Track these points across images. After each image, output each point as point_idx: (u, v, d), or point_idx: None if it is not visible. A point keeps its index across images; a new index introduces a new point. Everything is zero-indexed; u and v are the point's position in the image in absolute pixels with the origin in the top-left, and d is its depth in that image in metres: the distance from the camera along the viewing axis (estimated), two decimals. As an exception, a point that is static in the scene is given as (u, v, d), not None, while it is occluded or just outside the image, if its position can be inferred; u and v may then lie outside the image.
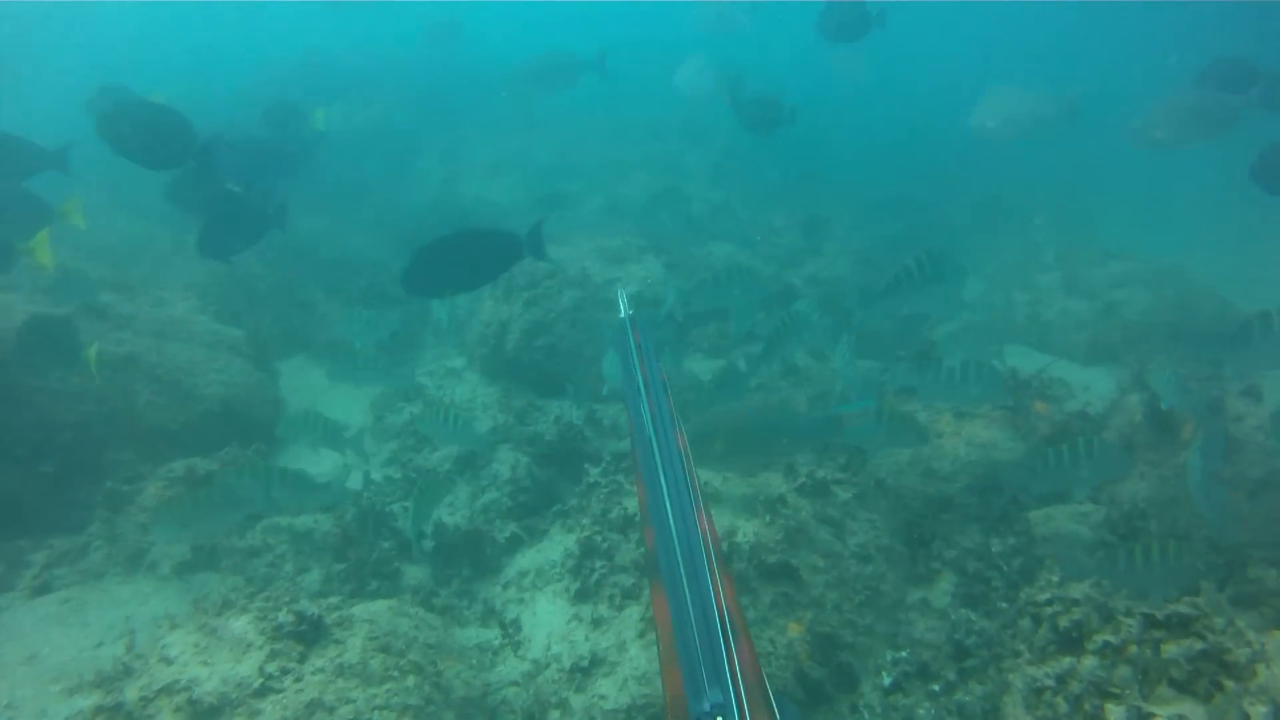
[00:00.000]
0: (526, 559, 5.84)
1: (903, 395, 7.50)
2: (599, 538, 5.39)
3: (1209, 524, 5.57)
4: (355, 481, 6.83)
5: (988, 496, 6.66)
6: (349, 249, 12.66)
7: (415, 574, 5.90)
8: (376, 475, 7.15)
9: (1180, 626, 3.96)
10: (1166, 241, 13.95)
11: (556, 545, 5.80)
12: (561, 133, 15.72)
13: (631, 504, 5.80)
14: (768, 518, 5.32)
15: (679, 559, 1.98)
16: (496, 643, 5.14)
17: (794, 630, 4.84)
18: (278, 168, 10.15)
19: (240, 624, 4.26)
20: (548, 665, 4.79)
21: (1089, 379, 9.87)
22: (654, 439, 2.40)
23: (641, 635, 4.72)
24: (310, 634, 4.19)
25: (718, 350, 9.64)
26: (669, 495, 2.18)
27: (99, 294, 8.18)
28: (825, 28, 9.14)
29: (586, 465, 6.30)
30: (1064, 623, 4.32)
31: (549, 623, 5.17)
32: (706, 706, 1.61)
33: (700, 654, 1.73)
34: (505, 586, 5.67)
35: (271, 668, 4.00)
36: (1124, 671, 3.99)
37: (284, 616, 4.21)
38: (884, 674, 4.97)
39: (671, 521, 2.09)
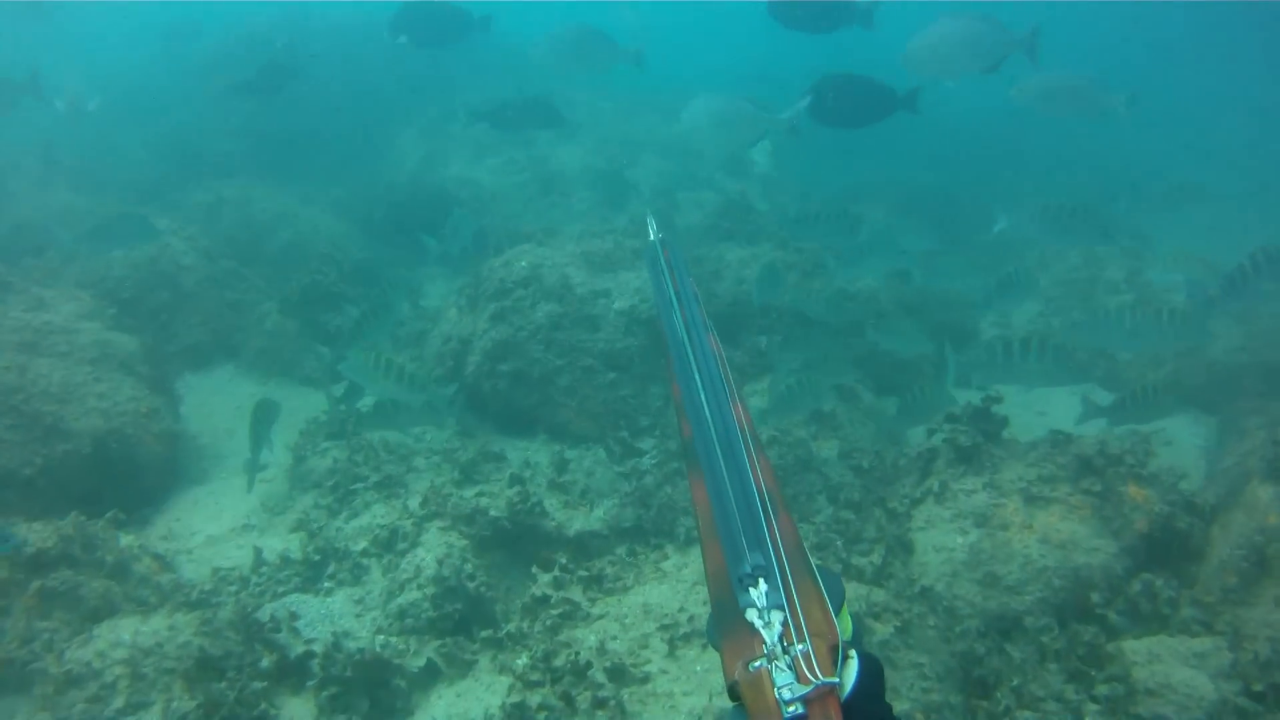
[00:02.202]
0: (441, 706, 4.24)
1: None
2: (535, 698, 3.78)
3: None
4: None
5: (1068, 622, 5.04)
6: (308, 232, 11.02)
7: (297, 715, 4.32)
8: (271, 550, 5.57)
9: None
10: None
11: (481, 693, 4.20)
12: (563, 109, 13.99)
13: (592, 640, 4.20)
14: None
15: (716, 445, 2.00)
16: None
17: None
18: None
19: None
20: None
21: (1170, 429, 8.18)
22: (687, 342, 2.42)
23: None
24: None
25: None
26: (704, 390, 2.18)
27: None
28: (785, 13, 7.48)
29: (536, 570, 4.68)
30: None
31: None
32: (747, 568, 1.65)
33: (740, 523, 1.77)
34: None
35: None
36: None
37: None
38: None
39: (707, 412, 2.10)
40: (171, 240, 9.06)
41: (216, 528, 6.17)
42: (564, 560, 4.87)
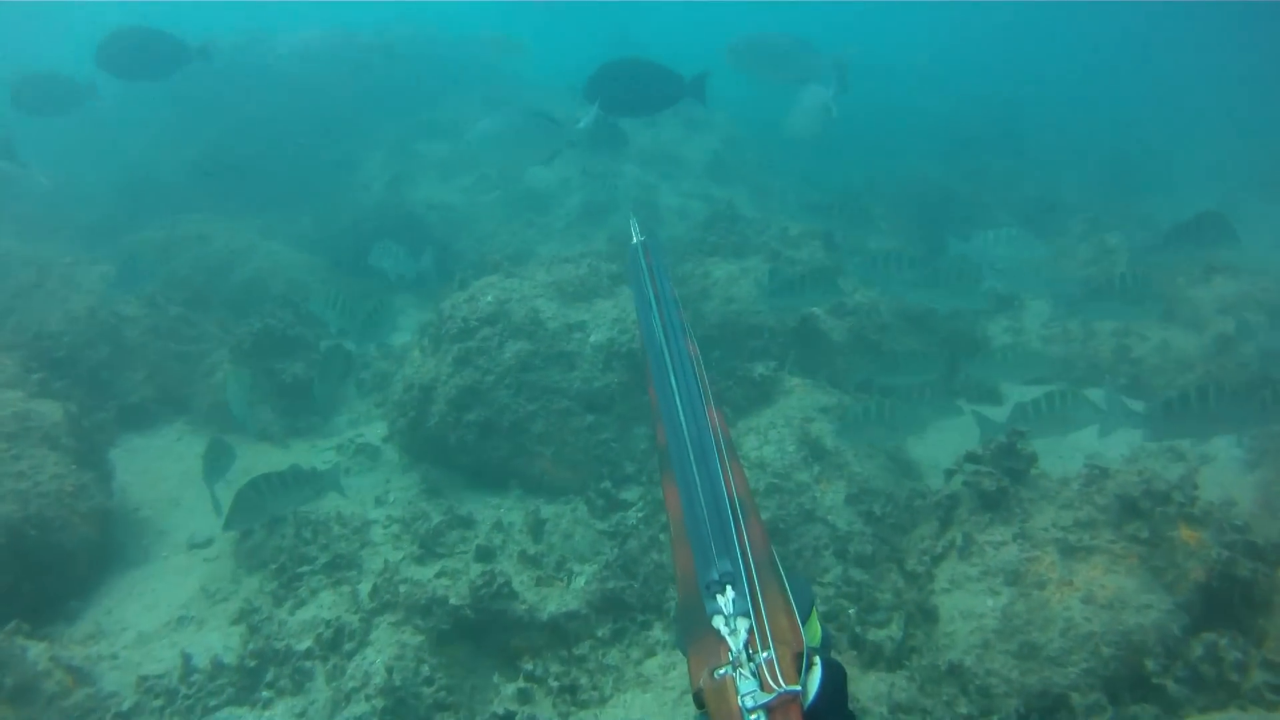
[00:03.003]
0: None
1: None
2: None
3: None
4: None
5: (1122, 697, 4.34)
6: (268, 269, 10.33)
7: None
8: (208, 647, 4.87)
9: None
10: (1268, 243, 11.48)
11: None
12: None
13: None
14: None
15: (689, 449, 2.01)
16: None
17: None
18: None
19: None
20: None
21: (1207, 445, 7.49)
22: (665, 345, 2.44)
23: None
24: None
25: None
26: (679, 394, 2.20)
27: None
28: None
29: (498, 680, 3.98)
30: None
31: None
32: (715, 575, 1.65)
33: (710, 530, 1.77)
34: None
35: None
36: None
37: None
38: None
39: (682, 417, 2.12)
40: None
41: (151, 621, 5.47)
42: (530, 667, 4.16)
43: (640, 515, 6.08)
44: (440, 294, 7.70)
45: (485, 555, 5.36)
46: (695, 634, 1.59)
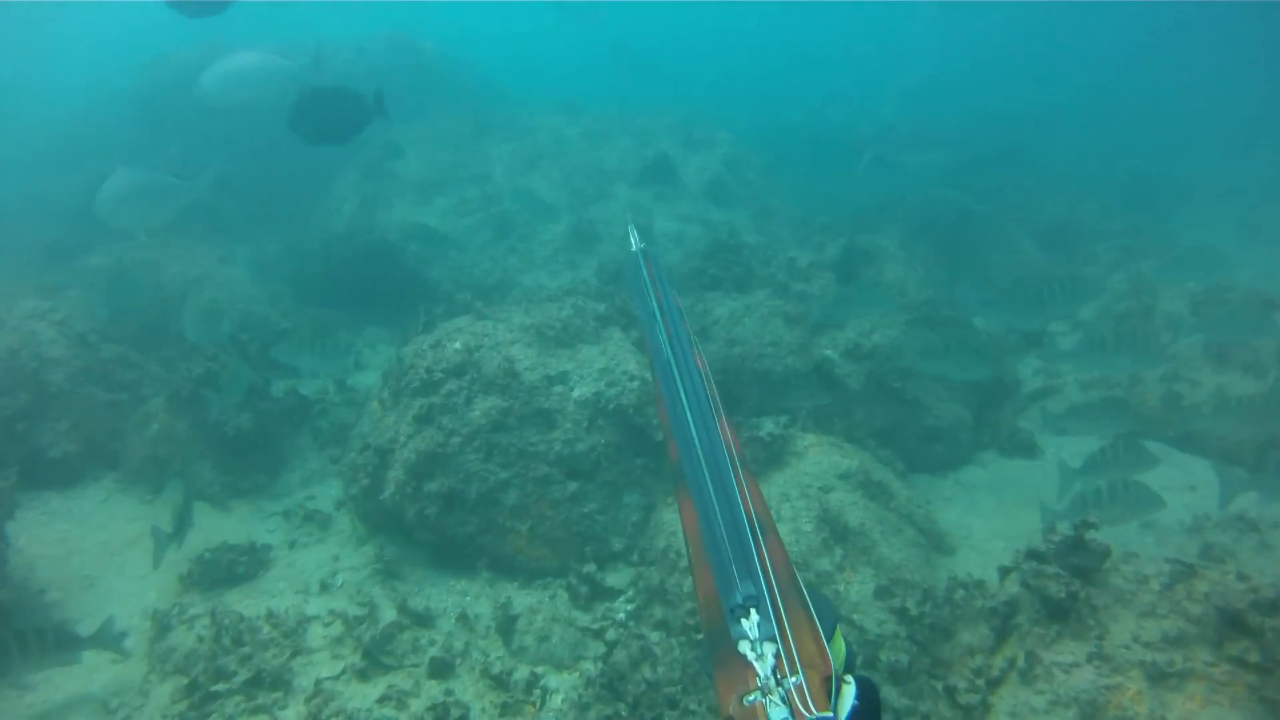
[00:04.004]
0: None
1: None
2: None
3: None
4: None
5: None
6: (223, 300, 9.38)
7: None
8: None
9: None
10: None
11: None
12: (525, 139, 12.42)
13: None
14: None
15: (704, 467, 1.99)
16: None
17: None
18: None
19: None
20: None
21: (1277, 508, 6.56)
22: (673, 361, 2.39)
23: None
24: None
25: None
26: (690, 410, 2.17)
27: None
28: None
29: None
30: None
31: None
32: (739, 599, 1.64)
33: (729, 551, 1.76)
34: None
35: None
36: None
37: None
38: None
39: (694, 433, 2.09)
40: (38, 326, 7.44)
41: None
42: None
43: (631, 608, 5.14)
44: (405, 335, 6.79)
45: (442, 670, 4.41)
46: (720, 658, 1.58)
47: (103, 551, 6.13)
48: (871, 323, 7.90)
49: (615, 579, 5.46)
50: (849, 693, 1.50)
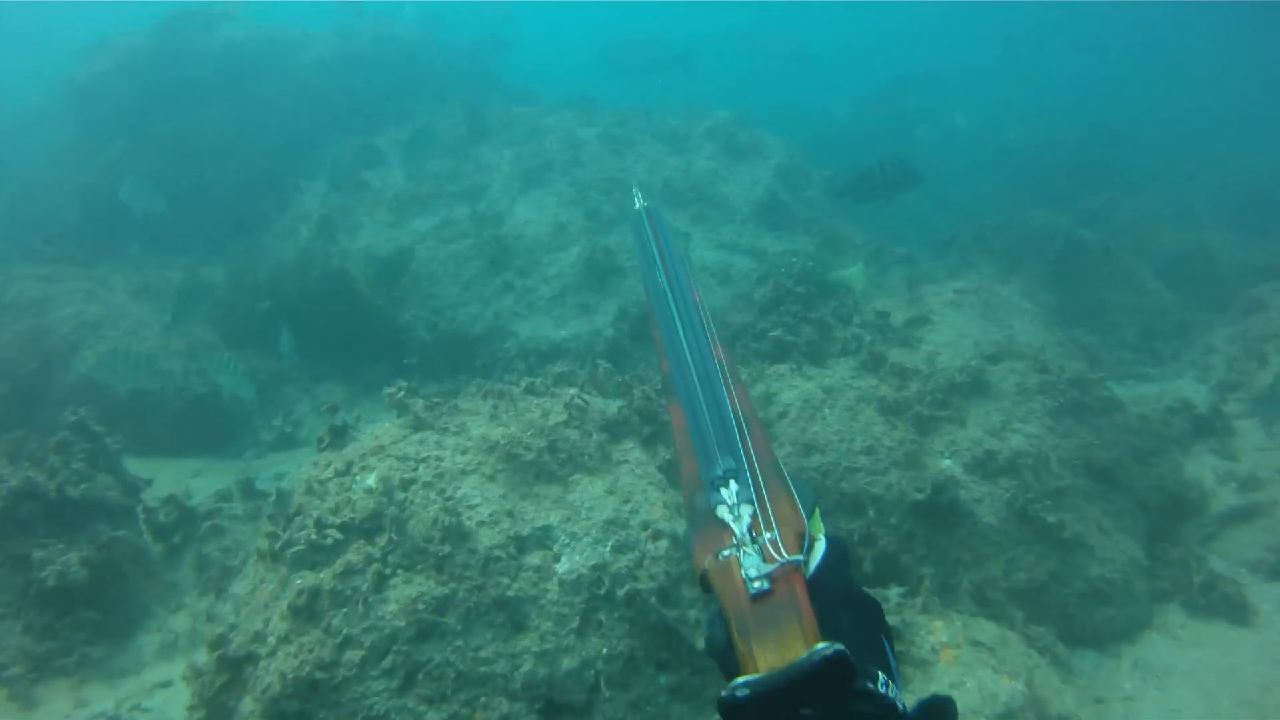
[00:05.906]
0: None
1: None
2: None
3: None
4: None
5: None
6: (124, 351, 7.14)
7: None
8: None
9: None
10: None
11: None
12: (530, 143, 10.08)
13: None
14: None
15: (694, 376, 2.05)
16: None
17: None
18: None
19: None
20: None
21: None
22: (668, 290, 2.42)
23: None
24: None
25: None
26: (684, 331, 2.23)
27: None
28: None
29: None
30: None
31: None
32: (719, 471, 1.70)
33: (714, 435, 1.82)
34: None
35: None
36: None
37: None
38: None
39: (686, 349, 2.16)
40: None
41: None
42: None
43: None
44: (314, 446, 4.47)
45: None
46: (699, 528, 1.62)
47: None
48: (1002, 413, 5.47)
49: None
50: (820, 549, 1.55)
